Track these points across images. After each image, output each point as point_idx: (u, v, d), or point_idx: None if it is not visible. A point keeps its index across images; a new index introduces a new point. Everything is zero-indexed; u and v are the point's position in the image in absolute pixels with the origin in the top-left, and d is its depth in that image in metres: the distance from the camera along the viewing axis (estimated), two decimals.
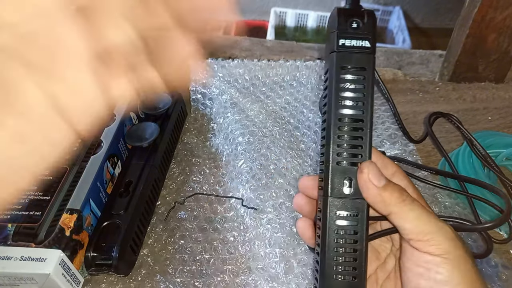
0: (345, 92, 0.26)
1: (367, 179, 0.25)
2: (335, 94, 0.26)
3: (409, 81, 0.64)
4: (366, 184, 0.25)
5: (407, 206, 0.25)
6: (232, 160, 0.49)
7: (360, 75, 0.26)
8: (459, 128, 0.50)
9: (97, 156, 0.41)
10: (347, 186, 0.26)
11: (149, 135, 0.45)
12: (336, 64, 0.26)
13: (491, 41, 0.57)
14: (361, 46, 0.26)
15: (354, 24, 0.26)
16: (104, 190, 0.41)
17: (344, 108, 0.26)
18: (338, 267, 0.26)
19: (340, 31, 0.26)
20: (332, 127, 0.26)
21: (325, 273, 0.26)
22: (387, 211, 0.25)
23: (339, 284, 0.25)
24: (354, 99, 0.26)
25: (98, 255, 0.37)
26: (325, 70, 0.28)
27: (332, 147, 0.26)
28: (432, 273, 0.24)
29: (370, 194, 0.25)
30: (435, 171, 0.45)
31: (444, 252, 0.24)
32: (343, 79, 0.26)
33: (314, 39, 2.16)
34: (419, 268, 0.25)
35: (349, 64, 0.26)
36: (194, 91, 0.58)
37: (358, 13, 0.26)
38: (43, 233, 0.34)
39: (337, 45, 0.26)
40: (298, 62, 0.62)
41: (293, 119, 0.54)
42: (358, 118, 0.26)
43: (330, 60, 0.26)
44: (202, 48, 0.18)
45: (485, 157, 0.44)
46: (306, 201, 0.32)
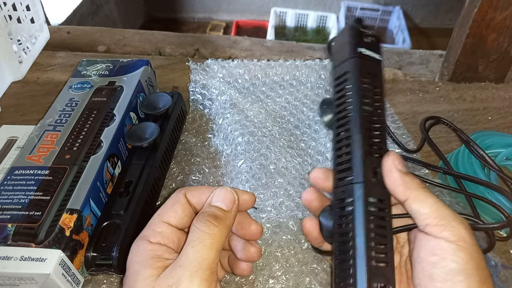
0: (366, 92, 0.30)
1: (392, 164, 0.27)
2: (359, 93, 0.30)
3: (409, 81, 0.64)
4: (391, 167, 0.28)
5: (426, 192, 0.27)
6: (232, 160, 0.49)
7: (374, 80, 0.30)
8: (455, 131, 0.50)
9: (97, 156, 0.41)
10: (372, 176, 0.28)
11: (149, 135, 0.45)
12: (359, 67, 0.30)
13: (491, 41, 0.57)
14: (374, 57, 0.31)
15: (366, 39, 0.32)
16: (104, 190, 0.41)
17: (366, 105, 0.29)
18: (374, 252, 0.26)
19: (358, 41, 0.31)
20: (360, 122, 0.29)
21: (365, 259, 0.26)
22: (406, 196, 0.27)
23: (376, 269, 0.26)
24: (372, 99, 0.30)
25: (98, 255, 0.37)
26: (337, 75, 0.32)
27: (364, 139, 0.29)
28: (447, 261, 0.24)
29: (393, 177, 0.27)
30: (444, 171, 0.45)
31: (460, 239, 0.24)
32: (364, 81, 0.30)
33: (314, 39, 2.16)
34: (433, 257, 0.25)
35: (367, 69, 0.30)
36: (194, 92, 0.58)
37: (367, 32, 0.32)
38: (43, 233, 0.34)
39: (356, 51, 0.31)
40: (298, 61, 0.62)
41: (293, 118, 0.54)
42: (377, 115, 0.29)
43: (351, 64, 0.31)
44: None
45: (484, 157, 0.45)
46: (316, 196, 0.33)
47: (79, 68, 0.53)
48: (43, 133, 0.43)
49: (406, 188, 0.27)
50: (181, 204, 0.31)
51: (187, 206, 0.31)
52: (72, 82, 0.50)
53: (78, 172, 0.39)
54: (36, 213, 0.36)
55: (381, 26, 2.26)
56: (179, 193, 0.32)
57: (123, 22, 2.20)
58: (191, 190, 0.32)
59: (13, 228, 0.35)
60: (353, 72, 0.30)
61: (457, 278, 0.24)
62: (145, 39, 0.75)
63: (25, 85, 0.62)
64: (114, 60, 0.54)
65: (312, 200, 0.33)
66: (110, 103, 0.47)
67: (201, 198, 0.32)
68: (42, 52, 0.68)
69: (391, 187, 0.27)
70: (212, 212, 0.29)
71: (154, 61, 0.62)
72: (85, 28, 0.79)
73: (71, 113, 0.46)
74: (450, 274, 0.24)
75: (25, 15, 0.63)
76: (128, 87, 0.49)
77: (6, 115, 0.57)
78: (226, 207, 0.30)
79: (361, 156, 0.28)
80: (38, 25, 0.68)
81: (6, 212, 0.36)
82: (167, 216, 0.31)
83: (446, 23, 2.28)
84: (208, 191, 0.32)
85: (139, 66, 0.52)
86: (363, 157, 0.28)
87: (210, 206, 0.30)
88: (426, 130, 0.50)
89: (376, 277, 0.25)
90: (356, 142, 0.29)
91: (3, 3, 0.58)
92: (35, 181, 0.38)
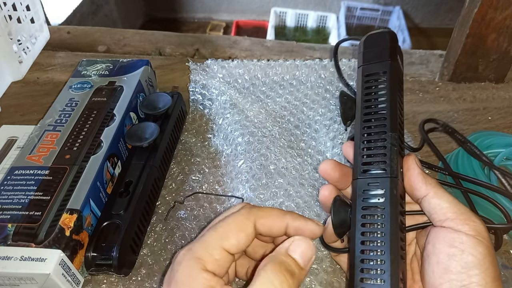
0: (400, 92, 0.34)
1: (414, 162, 0.30)
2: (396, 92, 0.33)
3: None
4: (413, 165, 0.29)
5: (444, 189, 0.28)
6: (232, 160, 0.49)
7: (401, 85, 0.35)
8: (451, 134, 0.50)
9: (97, 156, 0.41)
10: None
11: (149, 135, 0.45)
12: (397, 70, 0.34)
13: (491, 41, 0.57)
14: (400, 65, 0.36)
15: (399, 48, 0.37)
16: (104, 190, 0.41)
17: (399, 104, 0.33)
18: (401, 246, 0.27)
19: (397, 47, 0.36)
20: (397, 121, 0.31)
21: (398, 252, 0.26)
22: (427, 191, 0.28)
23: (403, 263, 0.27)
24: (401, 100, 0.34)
25: (98, 255, 0.37)
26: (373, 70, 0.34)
27: (399, 137, 0.31)
28: (465, 254, 0.24)
29: (416, 174, 0.29)
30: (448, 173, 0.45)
31: (479, 234, 0.25)
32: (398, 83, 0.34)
33: (314, 39, 2.16)
34: (452, 248, 0.25)
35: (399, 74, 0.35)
36: (194, 92, 0.58)
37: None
38: (43, 233, 0.34)
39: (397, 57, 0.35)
40: (298, 61, 0.62)
41: (293, 118, 0.54)
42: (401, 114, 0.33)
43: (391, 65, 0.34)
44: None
45: (481, 156, 0.45)
46: (335, 165, 0.34)
47: (79, 68, 0.53)
48: (43, 133, 0.43)
49: (427, 184, 0.28)
50: (247, 234, 0.27)
51: (253, 236, 0.28)
52: (72, 82, 0.50)
53: (78, 172, 0.39)
54: (36, 213, 0.36)
55: (381, 26, 2.25)
56: (247, 220, 0.27)
57: (123, 22, 2.20)
58: (261, 217, 0.28)
59: (13, 228, 0.35)
60: (393, 73, 0.33)
61: (473, 271, 0.24)
62: (145, 39, 0.75)
63: (25, 85, 0.62)
64: (114, 60, 0.54)
65: (331, 169, 0.34)
66: (110, 103, 0.47)
67: (272, 228, 0.28)
68: (42, 52, 0.68)
69: (413, 183, 0.29)
70: (289, 265, 0.26)
71: (154, 61, 0.62)
72: (85, 28, 0.79)
73: (71, 113, 0.46)
74: (466, 267, 0.24)
75: (25, 15, 0.63)
76: (128, 87, 0.49)
77: (6, 115, 0.57)
78: (303, 265, 0.26)
79: (396, 152, 0.30)
80: (38, 25, 0.68)
81: (6, 212, 0.36)
82: (228, 242, 0.27)
83: (446, 23, 2.28)
84: (279, 219, 0.28)
85: (139, 66, 0.52)
86: (397, 153, 0.30)
87: (287, 256, 0.26)
88: (425, 132, 0.50)
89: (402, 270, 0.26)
90: (393, 139, 0.30)
91: (3, 3, 0.58)
92: (35, 181, 0.38)
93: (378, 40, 0.36)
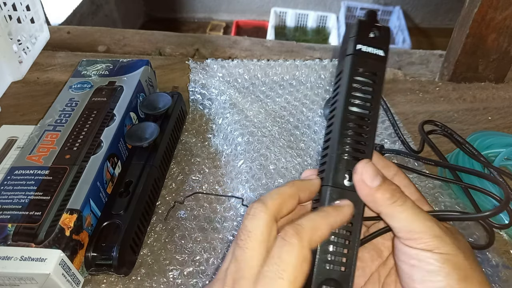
0: (356, 92, 0.28)
1: (360, 180, 0.26)
2: (346, 92, 0.28)
3: (409, 81, 0.64)
4: (359, 184, 0.27)
5: (397, 207, 0.26)
6: (232, 160, 0.49)
7: (371, 79, 0.28)
8: (449, 136, 0.50)
9: (97, 156, 0.41)
10: (347, 179, 0.27)
11: (149, 135, 0.45)
12: (352, 65, 0.28)
13: (491, 41, 0.57)
14: (375, 54, 0.29)
15: (371, 34, 0.29)
16: (104, 190, 0.41)
17: (353, 106, 0.28)
18: (330, 255, 0.26)
19: (359, 37, 0.29)
20: (340, 122, 0.28)
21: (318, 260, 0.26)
22: (378, 211, 0.27)
23: (329, 272, 0.26)
24: (363, 99, 0.28)
25: (98, 255, 0.37)
26: (337, 72, 0.30)
27: (339, 139, 0.27)
28: (423, 263, 0.25)
29: (362, 194, 0.27)
30: (434, 163, 0.45)
31: (434, 247, 0.25)
32: (356, 80, 0.28)
33: (314, 39, 2.16)
34: (412, 260, 0.26)
35: (363, 67, 0.28)
36: (193, 91, 0.58)
37: (375, 26, 0.29)
38: (43, 233, 0.34)
39: (354, 49, 0.28)
40: (298, 61, 0.62)
41: (292, 118, 0.54)
42: (365, 117, 0.28)
43: (346, 62, 0.29)
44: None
45: (479, 157, 0.45)
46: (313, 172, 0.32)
47: (79, 68, 0.53)
48: (43, 133, 0.43)
49: (377, 205, 0.26)
50: (308, 261, 0.25)
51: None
52: (72, 82, 0.50)
53: (78, 172, 0.39)
54: (36, 213, 0.36)
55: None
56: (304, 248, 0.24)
57: (123, 22, 2.20)
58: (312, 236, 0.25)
59: (13, 228, 0.35)
60: (345, 71, 0.28)
61: (436, 278, 0.24)
62: (145, 39, 0.75)
63: (25, 85, 0.62)
64: (114, 60, 0.54)
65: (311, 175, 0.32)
66: (110, 103, 0.47)
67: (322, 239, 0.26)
68: (42, 52, 0.68)
69: (364, 201, 0.27)
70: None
71: (154, 61, 0.62)
72: (85, 28, 0.79)
73: (71, 113, 0.46)
74: (428, 275, 0.25)
75: (25, 15, 0.63)
76: (128, 87, 0.49)
77: (6, 115, 0.57)
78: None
79: (333, 158, 0.27)
80: (38, 25, 0.68)
81: (6, 212, 0.36)
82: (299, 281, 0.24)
83: (446, 23, 2.28)
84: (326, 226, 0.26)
85: (139, 66, 0.52)
86: (334, 160, 0.27)
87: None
88: (425, 133, 0.50)
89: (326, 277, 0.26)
90: (331, 144, 0.28)
91: (3, 3, 0.58)
92: (35, 181, 0.38)
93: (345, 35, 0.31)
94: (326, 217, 0.26)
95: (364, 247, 0.32)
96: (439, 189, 0.46)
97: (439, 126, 0.51)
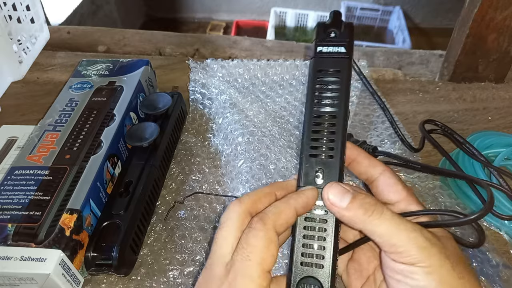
0: (320, 91, 0.29)
1: (330, 204, 0.26)
2: (311, 93, 0.29)
3: (409, 81, 0.64)
4: (330, 207, 0.27)
5: (374, 221, 0.25)
6: (232, 160, 0.49)
7: (335, 77, 0.29)
8: (449, 136, 0.50)
9: (97, 156, 0.41)
10: (320, 177, 0.28)
11: (149, 135, 0.45)
12: (313, 68, 0.30)
13: (491, 41, 0.57)
14: (337, 52, 0.29)
15: (332, 34, 0.30)
16: (104, 190, 0.41)
17: (319, 105, 0.29)
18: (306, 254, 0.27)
19: (318, 40, 0.30)
20: (307, 122, 0.29)
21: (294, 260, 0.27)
22: (358, 228, 0.26)
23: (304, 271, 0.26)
24: (329, 97, 0.29)
25: (98, 255, 0.37)
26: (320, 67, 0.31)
27: (306, 140, 0.28)
28: (408, 279, 0.24)
29: (337, 216, 0.27)
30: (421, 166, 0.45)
31: (417, 261, 0.24)
32: (319, 81, 0.29)
33: None
34: (397, 275, 0.25)
35: (324, 67, 0.29)
36: (193, 91, 0.58)
37: (336, 25, 0.30)
38: (43, 233, 0.34)
39: (315, 52, 0.30)
40: (298, 61, 0.62)
41: (292, 118, 0.54)
42: (332, 115, 0.28)
43: (310, 65, 0.30)
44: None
45: (479, 157, 0.45)
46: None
47: (79, 68, 0.53)
48: (43, 133, 0.43)
49: (353, 223, 0.26)
50: (275, 243, 0.25)
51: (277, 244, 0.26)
52: (72, 82, 0.50)
53: (78, 172, 0.39)
54: (36, 213, 0.36)
55: (381, 26, 2.26)
56: (269, 231, 0.25)
57: (123, 22, 2.20)
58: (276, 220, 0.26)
59: (13, 228, 0.35)
60: (309, 74, 0.30)
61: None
62: (145, 39, 0.75)
63: (25, 85, 0.62)
64: (114, 60, 0.54)
65: None
66: (110, 103, 0.47)
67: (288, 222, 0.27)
68: (42, 52, 0.68)
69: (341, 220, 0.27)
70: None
71: (154, 61, 0.62)
72: (85, 28, 0.79)
73: (71, 113, 0.46)
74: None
75: (25, 15, 0.63)
76: (128, 87, 0.49)
77: (6, 115, 0.57)
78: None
79: (302, 159, 0.28)
80: (38, 25, 0.68)
81: (6, 212, 0.36)
82: (267, 262, 0.25)
83: (446, 23, 2.28)
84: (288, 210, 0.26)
85: (139, 66, 0.52)
86: (304, 160, 0.28)
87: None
88: (426, 131, 0.50)
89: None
90: (301, 145, 0.29)
91: (3, 3, 0.58)
92: (35, 181, 0.38)
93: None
94: (287, 202, 0.27)
95: (361, 249, 0.31)
96: (439, 189, 0.46)
97: (439, 126, 0.51)
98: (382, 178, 0.29)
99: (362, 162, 0.30)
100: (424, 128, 0.50)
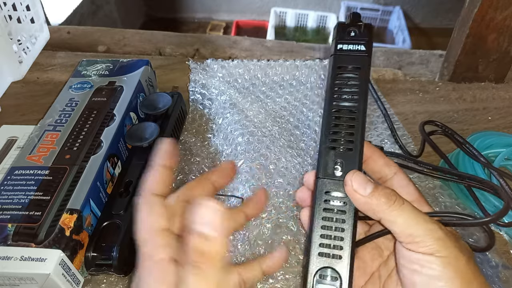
0: (340, 87, 0.30)
1: (352, 190, 0.26)
2: (330, 88, 0.30)
3: (409, 81, 0.64)
4: (352, 194, 0.26)
5: (395, 211, 0.26)
6: (232, 160, 0.49)
7: (355, 73, 0.30)
8: (450, 136, 0.50)
9: (97, 156, 0.41)
10: (339, 170, 0.28)
11: (149, 135, 0.45)
12: (333, 64, 0.30)
13: (491, 41, 0.57)
14: (357, 50, 0.30)
15: (352, 33, 0.31)
16: (104, 190, 0.41)
17: (339, 100, 0.29)
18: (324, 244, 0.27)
19: (338, 38, 0.31)
20: (327, 116, 0.29)
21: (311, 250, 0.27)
22: (377, 218, 0.26)
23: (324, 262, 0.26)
24: (349, 93, 0.29)
25: (98, 255, 0.37)
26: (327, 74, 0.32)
27: (324, 131, 0.29)
28: (425, 269, 0.25)
29: (358, 204, 0.27)
30: (432, 168, 0.45)
31: (435, 251, 0.24)
32: (339, 76, 0.30)
33: (314, 39, 2.16)
34: (413, 265, 0.25)
35: (345, 63, 0.30)
36: (193, 91, 0.58)
37: (355, 25, 0.31)
38: (43, 233, 0.34)
39: (335, 49, 0.30)
40: (298, 61, 0.62)
41: (292, 118, 0.54)
42: (352, 109, 0.29)
43: (329, 62, 0.31)
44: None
45: (479, 157, 0.45)
46: (309, 194, 0.32)
47: (79, 68, 0.53)
48: (43, 133, 0.43)
49: (375, 212, 0.26)
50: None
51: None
52: (72, 82, 0.50)
53: (78, 172, 0.39)
54: (36, 213, 0.36)
55: (381, 26, 2.26)
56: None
57: (123, 22, 2.19)
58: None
59: (13, 228, 0.35)
60: (329, 70, 0.31)
61: (438, 284, 0.24)
62: (145, 39, 0.75)
63: (25, 85, 0.62)
64: (114, 60, 0.54)
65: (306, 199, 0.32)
66: (110, 103, 0.47)
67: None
68: (42, 52, 0.68)
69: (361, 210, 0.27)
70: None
71: (154, 61, 0.62)
72: (85, 28, 0.79)
73: (71, 113, 0.46)
74: (431, 280, 0.24)
75: (25, 15, 0.63)
76: (128, 87, 0.49)
77: (6, 115, 0.57)
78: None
79: (322, 151, 0.28)
80: (38, 25, 0.68)
81: (6, 212, 0.36)
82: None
83: (446, 23, 2.28)
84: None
85: (139, 66, 0.52)
86: (324, 152, 0.28)
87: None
88: (425, 133, 0.50)
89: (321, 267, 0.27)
90: (321, 137, 0.29)
91: (3, 3, 0.58)
92: (35, 181, 0.38)
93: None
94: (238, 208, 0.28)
95: (365, 246, 0.31)
96: (439, 189, 0.46)
97: (440, 126, 0.51)
98: (396, 179, 0.30)
99: (378, 160, 0.31)
100: (424, 130, 0.50)
